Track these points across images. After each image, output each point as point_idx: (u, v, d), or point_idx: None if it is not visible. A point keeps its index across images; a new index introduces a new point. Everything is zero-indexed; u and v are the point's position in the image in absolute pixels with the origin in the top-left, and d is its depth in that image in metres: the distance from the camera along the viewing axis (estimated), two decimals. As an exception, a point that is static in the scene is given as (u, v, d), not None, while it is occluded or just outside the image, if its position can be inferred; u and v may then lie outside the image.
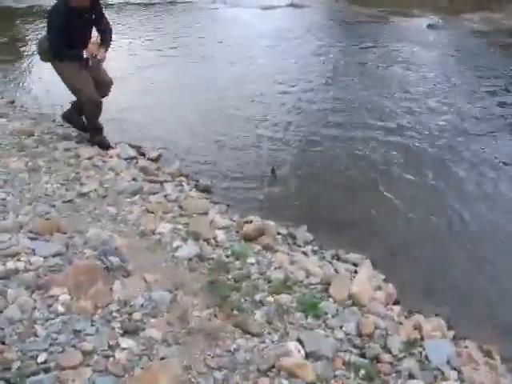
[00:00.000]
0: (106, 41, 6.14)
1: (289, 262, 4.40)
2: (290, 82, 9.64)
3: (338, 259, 4.89)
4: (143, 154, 6.73)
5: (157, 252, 4.28)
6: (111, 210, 4.85)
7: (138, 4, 15.40)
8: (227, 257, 4.38)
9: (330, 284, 4.07)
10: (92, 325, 3.20)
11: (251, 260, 4.31)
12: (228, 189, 6.24)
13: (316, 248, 5.07)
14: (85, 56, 5.92)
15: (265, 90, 9.22)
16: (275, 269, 4.25)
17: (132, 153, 6.50)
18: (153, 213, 4.93)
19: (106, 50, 6.11)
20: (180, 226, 4.72)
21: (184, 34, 12.74)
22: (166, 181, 5.91)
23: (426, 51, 11.54)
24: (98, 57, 5.97)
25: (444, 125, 8.04)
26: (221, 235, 4.68)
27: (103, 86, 6.30)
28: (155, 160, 6.62)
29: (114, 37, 6.37)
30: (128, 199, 5.16)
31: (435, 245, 5.31)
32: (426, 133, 7.74)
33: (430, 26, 13.29)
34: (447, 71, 10.39)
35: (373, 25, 13.83)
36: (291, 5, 15.69)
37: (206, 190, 6.03)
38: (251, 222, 5.22)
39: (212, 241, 4.57)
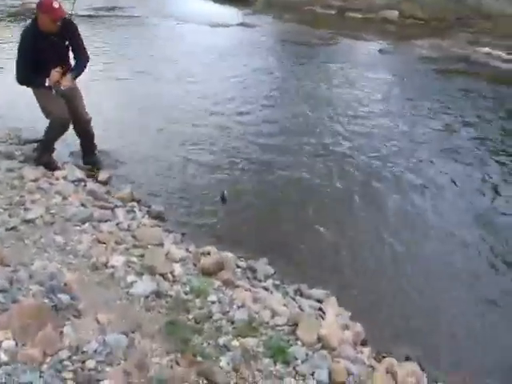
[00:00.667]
0: (75, 68, 5.90)
1: (252, 300, 4.15)
2: (234, 102, 9.47)
3: (301, 295, 4.68)
4: (92, 176, 6.35)
5: (110, 288, 3.95)
6: (59, 240, 4.48)
7: (82, 16, 14.91)
8: (186, 294, 4.10)
9: (297, 325, 3.84)
10: (40, 376, 2.85)
11: (212, 298, 4.04)
12: (181, 215, 5.97)
13: (277, 282, 4.85)
14: (47, 84, 5.63)
15: (207, 110, 9.02)
16: (238, 308, 3.99)
17: (80, 175, 6.13)
18: (104, 243, 4.59)
19: (74, 77, 5.86)
20: (134, 259, 4.40)
21: (129, 49, 12.41)
22: (117, 206, 5.59)
23: (374, 74, 11.59)
24: (62, 86, 5.69)
25: (385, 147, 8.07)
26: (178, 269, 4.40)
27: (81, 121, 6.24)
28: (105, 183, 6.28)
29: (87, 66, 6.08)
30: (77, 227, 4.81)
31: (398, 278, 5.17)
32: (373, 155, 7.75)
33: (380, 51, 13.39)
34: (392, 95, 10.48)
35: (322, 47, 13.84)
36: (241, 24, 15.58)
37: (158, 216, 5.73)
38: (208, 253, 4.96)
39: (169, 275, 4.28)
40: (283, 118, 8.94)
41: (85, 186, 5.99)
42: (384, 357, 3.95)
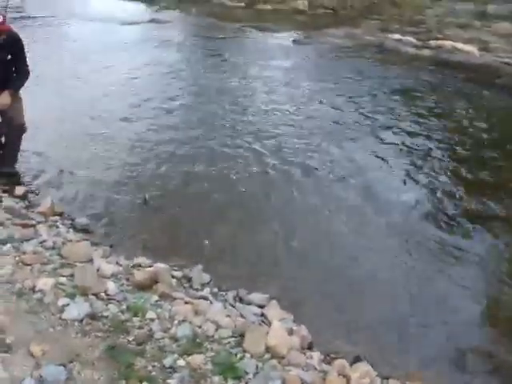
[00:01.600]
0: (15, 82, 5.75)
1: (193, 313, 4.01)
2: (145, 98, 9.37)
3: (241, 301, 4.56)
4: (6, 192, 5.96)
5: (40, 315, 3.69)
6: (-23, 265, 4.15)
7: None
8: (123, 313, 3.89)
9: (243, 336, 3.72)
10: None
11: (151, 315, 3.86)
12: (106, 225, 5.71)
13: (215, 290, 4.71)
14: None
15: (117, 111, 8.79)
16: (179, 323, 3.84)
17: (-6, 191, 5.74)
18: (29, 265, 4.28)
19: (11, 93, 5.68)
20: (63, 280, 4.14)
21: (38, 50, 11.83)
22: (38, 222, 5.26)
23: (286, 66, 11.66)
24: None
25: (299, 138, 8.17)
26: (111, 286, 4.17)
27: (16, 126, 5.99)
28: (22, 197, 5.90)
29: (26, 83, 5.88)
30: (-4, 249, 4.47)
31: (333, 275, 5.14)
32: (292, 150, 7.78)
33: (294, 42, 13.41)
34: (305, 85, 10.55)
35: (232, 40, 13.76)
36: (152, 20, 15.21)
37: (83, 229, 5.45)
38: (140, 265, 4.77)
39: (103, 294, 4.06)
40: (200, 114, 8.86)
41: (0, 202, 5.60)
42: (334, 358, 3.88)
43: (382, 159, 7.56)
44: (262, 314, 4.34)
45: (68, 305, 3.80)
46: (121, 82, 10.20)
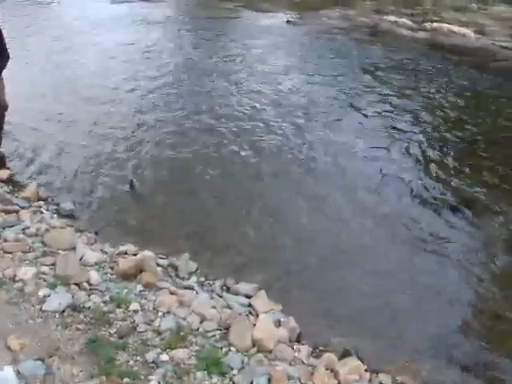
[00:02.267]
0: None
1: (178, 304, 3.90)
2: (132, 82, 9.13)
3: (228, 290, 4.46)
4: (-11, 175, 5.83)
5: (20, 306, 3.58)
6: (-44, 253, 4.04)
7: None
8: (105, 303, 3.78)
9: (228, 329, 3.62)
10: None
11: (134, 306, 3.76)
12: (92, 211, 5.59)
13: (202, 279, 4.60)
14: None
15: (101, 93, 8.58)
16: (163, 315, 3.74)
17: (-24, 174, 5.60)
18: (11, 253, 4.17)
19: None
20: (45, 269, 4.03)
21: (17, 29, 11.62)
22: (22, 207, 5.13)
23: (281, 46, 11.48)
24: None
25: (295, 120, 8.04)
26: (94, 276, 4.07)
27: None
28: (6, 181, 5.76)
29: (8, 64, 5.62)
30: (-23, 236, 4.34)
31: (322, 264, 5.03)
32: (281, 129, 7.67)
33: (288, 22, 13.19)
34: (300, 66, 10.41)
35: (227, 20, 13.57)
36: (144, -1, 14.95)
37: (68, 215, 5.32)
38: (126, 253, 4.65)
39: (85, 284, 3.95)
40: (185, 95, 8.67)
41: (-17, 186, 5.47)
42: (322, 351, 3.80)
43: (362, 140, 7.49)
44: (250, 305, 4.23)
45: (49, 295, 3.70)
46: (104, 62, 9.99)
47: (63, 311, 3.58)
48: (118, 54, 10.51)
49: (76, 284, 3.91)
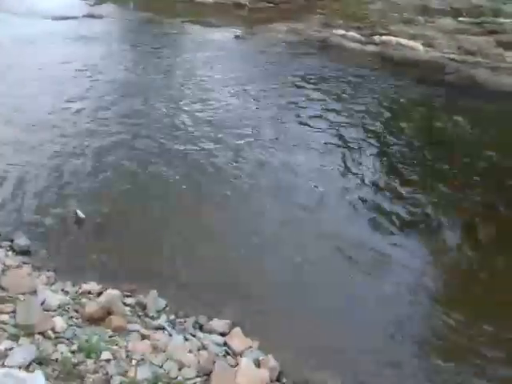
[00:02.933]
0: None
1: (151, 349, 3.66)
2: (67, 103, 8.70)
3: (201, 328, 4.24)
4: None
5: (-21, 363, 3.25)
6: None
7: None
8: (74, 353, 3.49)
9: (209, 375, 3.40)
10: None
11: (106, 355, 3.49)
12: (48, 246, 5.26)
13: (172, 317, 4.38)
14: None
15: (34, 117, 8.10)
16: (138, 363, 3.49)
17: None
18: (-35, 301, 3.83)
19: None
20: (5, 317, 3.72)
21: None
22: (-26, 245, 4.78)
23: (229, 62, 11.29)
24: None
25: (241, 134, 7.95)
26: (59, 322, 3.78)
27: None
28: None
29: None
30: None
31: (294, 291, 4.88)
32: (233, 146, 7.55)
33: (237, 37, 13.02)
34: (248, 81, 10.23)
35: (173, 36, 13.28)
36: (87, 15, 14.52)
37: (24, 251, 4.98)
38: (89, 292, 4.38)
39: (50, 333, 3.65)
40: (123, 114, 8.37)
41: None
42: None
43: (301, 156, 7.40)
44: (225, 343, 4.03)
45: (11, 349, 3.38)
46: (37, 83, 9.48)
47: (29, 365, 3.28)
48: (52, 72, 10.05)
49: (40, 333, 3.59)
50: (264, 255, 5.37)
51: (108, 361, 3.45)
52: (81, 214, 5.60)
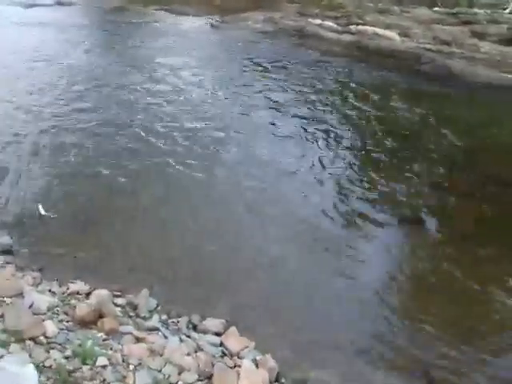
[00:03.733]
0: None
1: (148, 353, 3.54)
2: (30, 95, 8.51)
3: (195, 328, 4.13)
4: None
5: (-29, 371, 3.08)
6: None
7: None
8: (68, 359, 3.34)
9: (210, 378, 3.30)
10: None
11: (102, 360, 3.35)
12: (31, 244, 5.12)
13: (164, 317, 4.26)
14: None
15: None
16: (136, 368, 3.36)
17: None
18: (-50, 306, 3.65)
19: None
20: (-7, 323, 3.53)
21: None
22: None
23: (204, 52, 11.09)
24: None
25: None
26: (50, 326, 3.62)
27: None
28: None
29: None
30: None
31: (284, 290, 4.79)
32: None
33: (212, 26, 12.81)
34: (220, 71, 10.17)
35: (147, 24, 13.00)
36: (58, 3, 14.13)
37: (7, 251, 4.79)
38: (78, 292, 4.24)
39: (41, 338, 3.49)
40: (87, 110, 8.15)
41: None
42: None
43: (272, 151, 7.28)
44: (221, 344, 3.93)
45: (2, 356, 3.22)
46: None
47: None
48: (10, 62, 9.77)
49: (31, 339, 3.44)
50: (251, 251, 5.25)
51: (104, 367, 3.32)
52: (42, 211, 5.39)
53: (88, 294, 4.24)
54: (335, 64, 10.72)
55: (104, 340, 3.64)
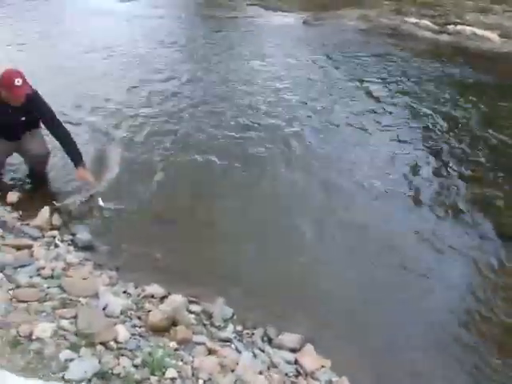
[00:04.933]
0: (71, 157, 5.43)
1: (219, 368, 3.38)
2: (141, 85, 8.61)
3: (270, 342, 3.95)
4: (-5, 198, 5.28)
5: (39, 374, 3.03)
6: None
7: None
8: (137, 367, 3.23)
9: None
10: None
11: (171, 373, 3.22)
12: (111, 241, 5.08)
13: (239, 327, 4.10)
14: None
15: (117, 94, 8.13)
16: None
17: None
18: (25, 302, 3.62)
19: (83, 168, 5.42)
20: (65, 323, 3.48)
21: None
22: (34, 239, 4.59)
23: (299, 50, 10.82)
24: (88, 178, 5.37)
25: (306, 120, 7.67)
26: (122, 331, 3.52)
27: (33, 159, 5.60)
28: (15, 206, 5.21)
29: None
30: (-14, 280, 3.80)
31: (372, 308, 4.51)
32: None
33: (305, 23, 12.56)
34: (319, 70, 9.82)
35: (239, 20, 12.91)
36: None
37: (86, 247, 4.78)
38: (152, 296, 4.13)
39: (112, 343, 3.40)
40: (199, 104, 8.11)
41: (-10, 212, 4.94)
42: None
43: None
44: (296, 361, 3.73)
45: (72, 360, 3.15)
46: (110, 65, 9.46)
47: (90, 380, 3.04)
48: (109, 56, 9.98)
49: (102, 343, 3.36)
50: (342, 263, 5.01)
51: (173, 379, 3.20)
52: (101, 203, 5.39)
53: (163, 298, 4.14)
54: (433, 66, 10.19)
55: (175, 350, 3.52)
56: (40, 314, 3.56)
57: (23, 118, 5.29)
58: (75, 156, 5.36)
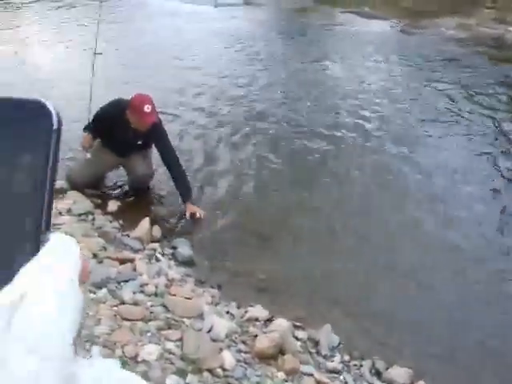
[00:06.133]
0: (180, 190, 5.30)
1: (331, 406, 3.12)
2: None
3: (379, 376, 3.66)
4: (98, 207, 5.25)
5: (145, 399, 2.86)
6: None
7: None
8: (244, 398, 3.03)
9: None
10: None
11: (282, 407, 2.99)
12: (212, 256, 4.92)
13: (346, 357, 3.83)
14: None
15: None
16: (317, 423, 2.95)
17: (88, 206, 5.03)
18: (129, 321, 3.51)
19: (192, 204, 5.28)
20: (171, 346, 3.35)
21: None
22: (136, 251, 4.50)
23: (399, 59, 10.42)
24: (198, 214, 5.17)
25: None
26: (228, 357, 3.35)
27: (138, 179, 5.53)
28: (115, 215, 5.17)
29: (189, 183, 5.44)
30: (91, 295, 3.71)
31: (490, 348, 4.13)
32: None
33: (402, 31, 12.12)
34: (421, 81, 9.36)
35: (336, 27, 12.62)
36: (246, 3, 14.30)
37: (187, 262, 4.64)
38: (257, 319, 3.93)
39: (219, 370, 3.22)
40: (288, 108, 8.00)
41: (93, 220, 4.91)
42: None
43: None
44: (409, 400, 3.43)
45: (179, 387, 2.99)
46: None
47: (197, 411, 2.87)
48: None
49: (208, 370, 3.19)
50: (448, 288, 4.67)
51: (284, 414, 2.98)
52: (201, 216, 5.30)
53: (266, 321, 3.93)
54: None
55: (284, 381, 3.30)
56: (145, 334, 3.43)
57: (140, 142, 5.28)
58: (185, 192, 5.26)
